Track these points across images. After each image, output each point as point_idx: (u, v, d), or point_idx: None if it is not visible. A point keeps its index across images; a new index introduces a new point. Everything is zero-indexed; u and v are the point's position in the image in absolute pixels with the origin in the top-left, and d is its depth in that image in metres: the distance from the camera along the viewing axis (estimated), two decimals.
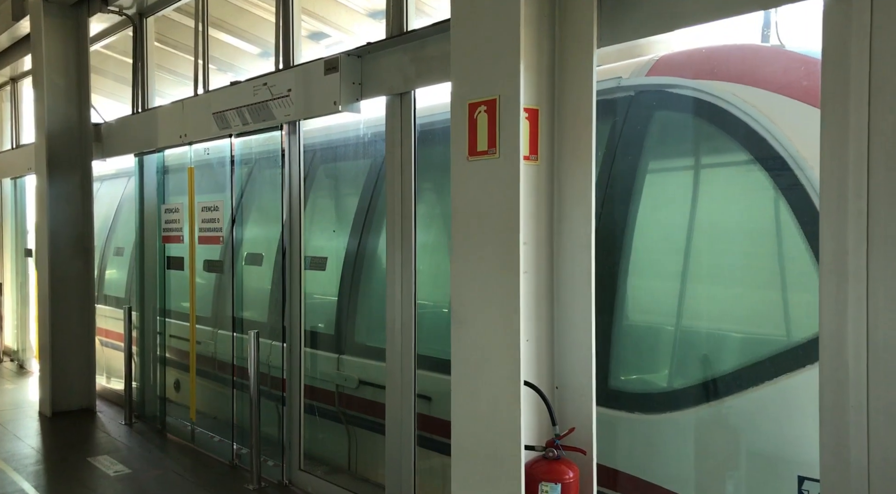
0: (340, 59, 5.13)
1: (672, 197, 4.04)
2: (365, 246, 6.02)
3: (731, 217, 3.91)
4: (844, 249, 2.84)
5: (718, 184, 4.01)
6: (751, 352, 3.63)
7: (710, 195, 3.97)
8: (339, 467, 6.00)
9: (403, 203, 4.90)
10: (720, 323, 3.87)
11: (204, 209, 6.90)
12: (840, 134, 2.85)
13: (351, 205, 6.25)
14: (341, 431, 5.98)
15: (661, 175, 3.99)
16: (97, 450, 6.96)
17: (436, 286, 5.30)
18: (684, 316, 3.94)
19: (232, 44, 9.59)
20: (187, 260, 7.26)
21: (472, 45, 3.42)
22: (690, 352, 3.90)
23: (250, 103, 5.99)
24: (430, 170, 5.21)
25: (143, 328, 8.26)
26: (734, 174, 3.90)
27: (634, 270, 4.01)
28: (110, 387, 9.38)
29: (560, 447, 3.29)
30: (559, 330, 3.53)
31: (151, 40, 8.32)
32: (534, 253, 3.42)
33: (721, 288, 3.92)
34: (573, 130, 3.43)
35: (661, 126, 3.98)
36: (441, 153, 4.86)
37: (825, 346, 2.92)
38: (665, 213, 3.96)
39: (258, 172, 6.78)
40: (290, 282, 5.96)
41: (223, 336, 7.16)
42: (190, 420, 7.26)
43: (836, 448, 2.88)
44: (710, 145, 3.98)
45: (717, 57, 4.12)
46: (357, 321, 5.99)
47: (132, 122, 8.20)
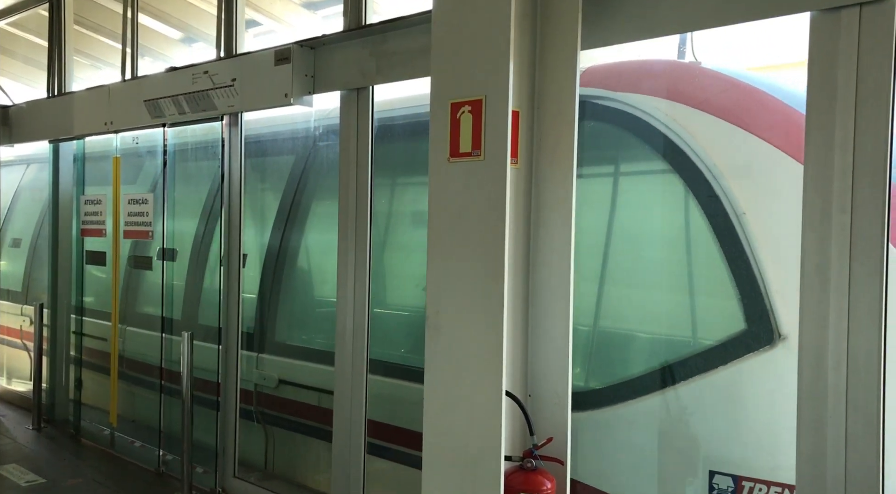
0: (293, 49, 4.91)
1: (595, 202, 4.18)
2: (287, 242, 5.88)
3: (649, 223, 4.14)
4: (827, 263, 2.89)
5: (639, 191, 4.23)
6: (666, 353, 3.84)
7: (629, 202, 4.19)
8: (254, 465, 5.86)
9: (359, 202, 4.73)
10: (635, 324, 4.08)
11: (131, 201, 6.50)
12: (825, 147, 2.90)
13: (273, 201, 6.06)
14: (258, 430, 5.84)
15: (587, 181, 4.09)
16: (4, 458, 6.45)
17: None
18: (601, 318, 4.11)
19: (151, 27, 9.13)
20: (110, 255, 6.83)
21: (457, 42, 3.30)
22: (606, 353, 4.10)
23: (188, 92, 5.67)
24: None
25: (54, 325, 7.73)
26: (654, 182, 4.13)
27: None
28: (11, 389, 8.75)
29: (538, 457, 3.22)
30: (533, 337, 3.47)
31: (70, 20, 7.79)
32: (512, 259, 3.34)
33: (637, 291, 4.11)
34: (554, 133, 3.37)
35: (587, 135, 4.04)
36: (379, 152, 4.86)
37: (804, 358, 2.96)
38: (588, 218, 4.05)
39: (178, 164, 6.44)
40: (228, 281, 5.68)
41: (131, 333, 6.77)
42: (109, 425, 6.83)
43: (813, 459, 2.93)
44: (631, 154, 4.19)
45: (640, 71, 4.33)
46: (277, 319, 5.84)
47: (47, 107, 7.65)
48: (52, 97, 7.72)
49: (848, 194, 2.84)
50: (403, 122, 5.28)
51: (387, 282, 5.33)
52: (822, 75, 2.90)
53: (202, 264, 6.40)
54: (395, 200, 5.38)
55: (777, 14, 3.05)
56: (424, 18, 4.05)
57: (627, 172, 4.25)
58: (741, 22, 3.14)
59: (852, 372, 2.83)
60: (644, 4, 3.32)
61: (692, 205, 3.85)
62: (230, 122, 5.66)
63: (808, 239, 2.94)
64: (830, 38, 2.87)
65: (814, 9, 2.90)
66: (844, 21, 2.85)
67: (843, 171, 2.85)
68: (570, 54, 3.31)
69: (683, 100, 4.02)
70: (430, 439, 3.38)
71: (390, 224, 5.39)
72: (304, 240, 5.86)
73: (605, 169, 4.27)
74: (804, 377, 2.95)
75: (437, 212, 3.38)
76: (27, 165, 9.51)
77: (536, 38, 3.42)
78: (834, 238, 2.87)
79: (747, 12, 3.09)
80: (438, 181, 3.37)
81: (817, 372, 2.91)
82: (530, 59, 3.40)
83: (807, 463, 2.94)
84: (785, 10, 2.99)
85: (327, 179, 5.72)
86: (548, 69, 3.37)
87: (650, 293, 4.05)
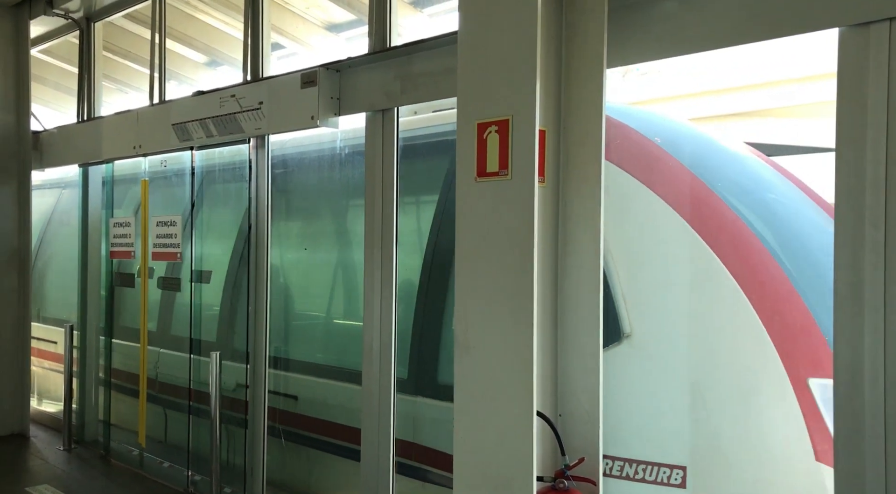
0: (319, 72, 4.97)
1: None
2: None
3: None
4: (861, 279, 2.86)
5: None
6: None
7: None
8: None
9: (384, 222, 4.76)
10: None
11: (159, 223, 6.59)
12: (856, 163, 2.87)
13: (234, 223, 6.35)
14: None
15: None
16: (36, 479, 6.52)
17: (311, 296, 6.04)
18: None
19: (178, 51, 9.29)
20: (139, 276, 6.91)
21: (483, 63, 3.33)
22: None
23: (216, 115, 5.75)
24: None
25: (84, 346, 7.81)
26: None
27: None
28: (42, 410, 8.85)
29: (570, 477, 3.20)
30: (563, 355, 3.46)
31: (99, 46, 7.95)
32: (540, 278, 3.34)
33: None
34: (581, 151, 3.38)
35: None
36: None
37: (840, 375, 2.92)
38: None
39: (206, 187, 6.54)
40: (256, 301, 5.72)
41: (166, 356, 6.83)
42: (138, 446, 6.88)
43: (851, 476, 2.88)
44: None
45: None
46: (236, 328, 6.18)
47: (77, 131, 7.79)
48: (81, 122, 7.86)
49: (881, 209, 2.81)
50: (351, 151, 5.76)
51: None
52: (851, 90, 2.88)
53: (238, 285, 6.44)
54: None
55: (805, 30, 3.04)
56: (449, 40, 4.09)
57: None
58: (767, 39, 3.14)
59: (890, 387, 2.79)
60: (669, 23, 3.33)
61: None
62: (257, 144, 5.73)
63: (841, 255, 2.91)
64: (860, 52, 2.86)
65: (843, 24, 2.89)
66: (874, 35, 2.83)
67: (876, 186, 2.82)
68: (597, 73, 3.32)
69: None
70: (460, 458, 3.38)
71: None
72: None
73: None
74: (840, 393, 2.91)
75: (464, 232, 3.40)
76: (62, 190, 9.64)
77: (562, 57, 3.44)
78: (867, 254, 2.84)
79: (773, 29, 3.09)
80: (466, 201, 3.39)
81: (853, 389, 2.87)
82: (556, 79, 3.42)
83: (845, 480, 2.90)
84: (813, 26, 2.98)
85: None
86: (574, 88, 3.39)
87: None
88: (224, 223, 6.59)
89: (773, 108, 18.66)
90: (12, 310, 7.94)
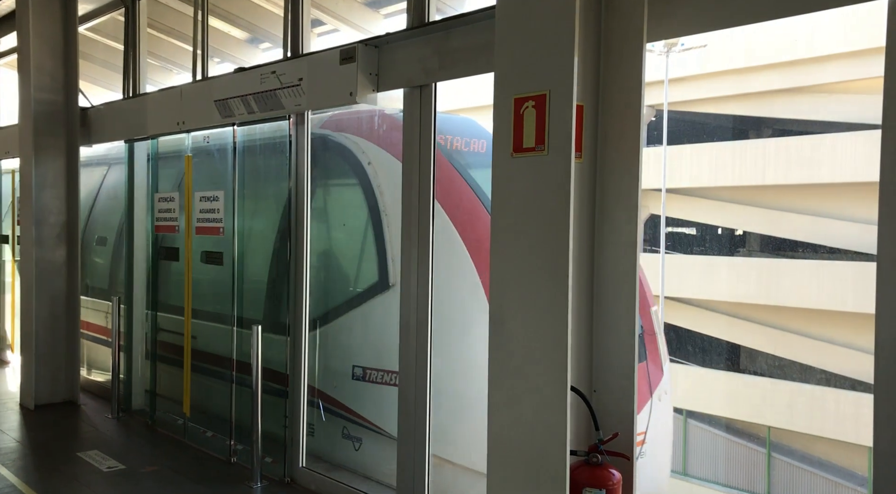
0: (358, 48, 4.99)
1: (320, 202, 6.38)
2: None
3: (347, 217, 6.32)
4: None
5: (343, 197, 6.30)
6: (343, 296, 6.19)
7: (337, 203, 6.40)
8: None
9: (421, 199, 4.78)
10: (333, 280, 6.36)
11: (202, 199, 6.71)
12: None
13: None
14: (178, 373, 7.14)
15: (319, 188, 6.28)
16: (86, 445, 6.75)
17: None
18: (314, 277, 6.06)
19: (219, 28, 9.38)
20: (183, 250, 7.06)
21: (521, 37, 3.31)
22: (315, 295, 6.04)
23: (257, 92, 5.82)
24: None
25: (130, 319, 8.03)
26: (350, 192, 6.23)
27: (309, 248, 5.84)
28: (91, 379, 9.13)
29: (604, 452, 3.22)
30: (598, 331, 3.46)
31: (144, 24, 8.07)
32: (576, 253, 3.33)
33: (334, 259, 6.43)
34: (619, 126, 3.35)
35: (325, 159, 6.34)
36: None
37: (881, 353, 2.87)
38: (317, 212, 6.27)
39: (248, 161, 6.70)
40: (296, 275, 5.81)
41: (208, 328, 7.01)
42: (183, 415, 7.07)
43: (891, 455, 2.84)
44: (342, 172, 6.34)
45: (351, 118, 6.47)
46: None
47: (123, 108, 7.95)
48: (127, 98, 8.01)
49: None
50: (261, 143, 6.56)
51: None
52: None
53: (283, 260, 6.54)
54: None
55: (853, 2, 2.97)
56: (487, 15, 4.07)
57: (339, 184, 6.32)
58: (813, 11, 3.06)
59: None
60: None
61: (365, 207, 5.99)
62: (297, 121, 5.78)
63: (885, 231, 2.85)
64: None
65: None
66: None
67: None
68: (636, 47, 3.28)
69: (367, 137, 6.14)
70: (494, 432, 3.41)
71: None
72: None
73: (332, 180, 6.37)
74: (882, 372, 2.86)
75: (500, 207, 3.40)
76: (108, 167, 9.84)
77: (601, 31, 3.40)
78: None
79: (820, 1, 3.01)
80: (501, 176, 3.39)
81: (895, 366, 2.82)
82: (594, 53, 3.39)
83: (884, 460, 2.86)
84: None
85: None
86: (613, 62, 3.35)
87: (344, 260, 6.37)
88: (266, 198, 6.72)
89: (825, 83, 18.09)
90: (62, 283, 8.18)
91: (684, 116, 21.61)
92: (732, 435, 19.84)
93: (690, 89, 20.76)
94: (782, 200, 19.76)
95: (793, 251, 20.36)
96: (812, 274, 18.67)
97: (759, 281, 19.48)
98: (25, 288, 8.22)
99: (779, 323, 19.38)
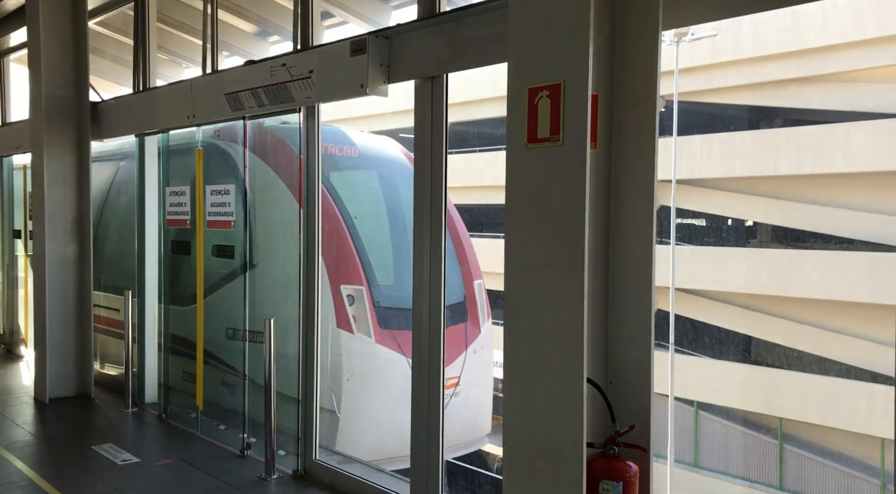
0: (368, 40, 4.96)
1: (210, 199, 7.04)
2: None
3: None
4: None
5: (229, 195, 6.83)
6: (218, 273, 7.18)
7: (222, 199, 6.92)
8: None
9: (433, 190, 4.76)
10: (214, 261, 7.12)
11: (213, 192, 6.71)
12: None
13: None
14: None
15: (208, 187, 6.98)
16: (101, 438, 6.78)
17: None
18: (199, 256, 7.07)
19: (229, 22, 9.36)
20: (194, 244, 7.07)
21: (535, 27, 3.28)
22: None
23: (267, 84, 5.80)
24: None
25: (142, 313, 8.05)
26: (230, 189, 6.79)
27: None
28: (105, 373, 9.17)
29: (621, 444, 3.20)
30: (613, 323, 3.43)
31: (154, 17, 8.06)
32: (591, 245, 3.31)
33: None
34: (634, 116, 3.32)
35: (216, 164, 7.41)
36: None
37: None
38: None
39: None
40: (307, 269, 5.81)
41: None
42: (196, 409, 7.10)
43: None
44: (228, 174, 7.30)
45: (233, 130, 7.34)
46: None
47: (133, 102, 7.95)
48: (137, 93, 8.01)
49: None
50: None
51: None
52: None
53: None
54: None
55: None
56: (500, 4, 4.04)
57: (223, 183, 6.90)
58: None
59: None
60: None
61: (241, 202, 6.68)
62: (307, 114, 5.77)
63: None
64: None
65: None
66: None
67: None
68: (652, 35, 3.25)
69: (242, 144, 6.88)
70: (510, 423, 3.39)
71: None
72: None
73: (219, 180, 7.07)
74: None
75: (514, 198, 3.38)
76: (119, 162, 9.86)
77: (615, 19, 3.37)
78: None
79: None
80: (516, 167, 3.36)
81: None
82: (609, 42, 3.36)
83: None
84: None
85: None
86: (628, 51, 3.32)
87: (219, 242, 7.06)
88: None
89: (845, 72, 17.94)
90: (74, 277, 8.21)
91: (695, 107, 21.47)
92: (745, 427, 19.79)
93: (701, 79, 20.62)
94: (794, 191, 19.63)
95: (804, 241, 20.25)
96: (824, 264, 18.55)
97: (771, 272, 19.38)
98: (38, 282, 8.25)
99: (790, 315, 19.28)
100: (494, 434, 8.06)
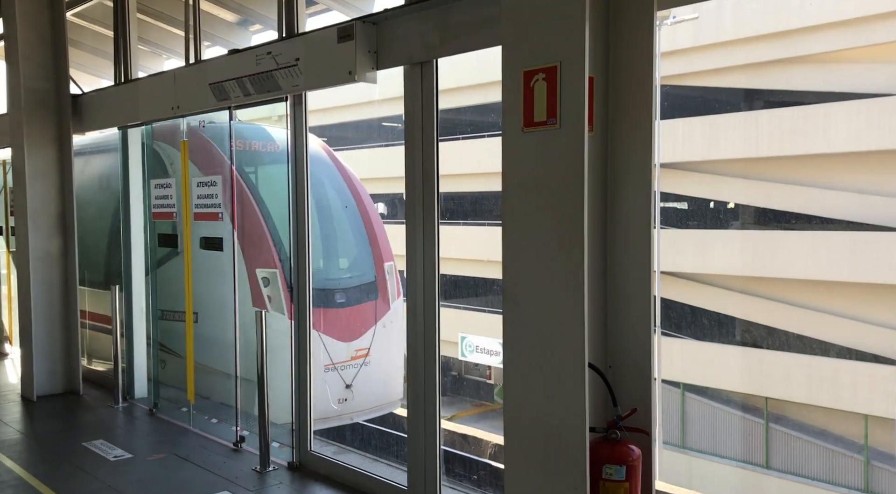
0: (355, 25, 4.89)
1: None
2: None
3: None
4: None
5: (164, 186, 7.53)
6: (151, 260, 7.93)
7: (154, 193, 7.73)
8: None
9: (425, 178, 4.72)
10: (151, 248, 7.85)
11: (200, 184, 6.63)
12: None
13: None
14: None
15: (152, 181, 7.75)
16: (91, 434, 6.71)
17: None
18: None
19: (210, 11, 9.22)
20: (181, 237, 7.00)
21: (528, 7, 3.24)
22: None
23: (253, 73, 5.72)
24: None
25: (129, 307, 7.97)
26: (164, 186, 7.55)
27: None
28: (93, 369, 9.08)
29: (623, 428, 3.20)
30: (613, 307, 3.42)
31: (134, 8, 7.93)
32: (590, 229, 3.29)
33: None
34: (630, 98, 3.29)
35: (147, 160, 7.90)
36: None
37: None
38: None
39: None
40: (298, 262, 5.76)
41: None
42: (187, 402, 7.04)
43: None
44: (160, 170, 7.84)
45: (165, 130, 7.80)
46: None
47: (115, 94, 7.83)
48: (119, 85, 7.89)
49: None
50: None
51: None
52: None
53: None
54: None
55: None
56: None
57: (157, 180, 7.65)
58: None
59: None
60: None
61: (171, 197, 7.46)
62: (294, 102, 5.70)
63: None
64: None
65: None
66: None
67: None
68: (647, 15, 3.22)
69: (171, 143, 7.69)
70: (510, 410, 3.38)
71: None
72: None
73: (154, 178, 7.72)
74: None
75: (511, 183, 3.35)
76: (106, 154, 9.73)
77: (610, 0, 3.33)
78: None
79: None
80: (512, 152, 3.33)
81: None
82: (604, 22, 3.32)
83: None
84: None
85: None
86: (624, 32, 3.29)
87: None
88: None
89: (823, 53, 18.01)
90: (59, 273, 8.10)
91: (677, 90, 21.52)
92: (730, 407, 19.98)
93: (682, 62, 20.65)
94: (776, 172, 19.74)
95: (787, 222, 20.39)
96: (807, 245, 18.70)
97: (754, 253, 19.52)
98: (22, 279, 8.14)
99: (774, 295, 19.45)
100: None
